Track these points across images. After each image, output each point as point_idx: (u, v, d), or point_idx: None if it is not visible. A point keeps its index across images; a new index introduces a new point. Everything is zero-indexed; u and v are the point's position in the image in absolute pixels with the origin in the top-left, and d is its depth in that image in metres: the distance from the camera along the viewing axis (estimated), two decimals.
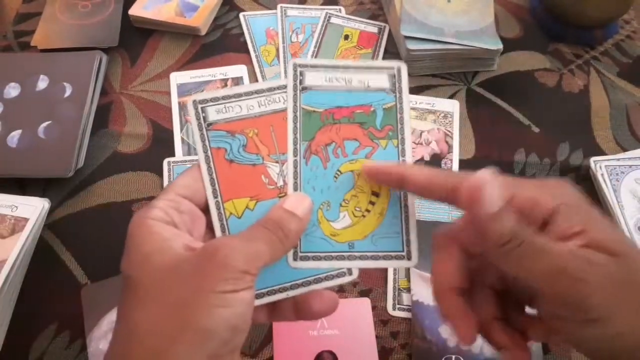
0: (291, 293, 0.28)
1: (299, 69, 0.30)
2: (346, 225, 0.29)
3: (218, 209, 0.28)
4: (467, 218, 0.27)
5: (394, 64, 0.31)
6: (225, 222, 0.28)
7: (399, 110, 0.30)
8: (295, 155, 0.29)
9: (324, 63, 0.30)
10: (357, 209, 0.29)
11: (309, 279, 0.28)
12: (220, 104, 0.29)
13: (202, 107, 0.29)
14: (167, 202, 0.26)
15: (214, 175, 0.28)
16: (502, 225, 0.23)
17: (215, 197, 0.28)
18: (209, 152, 0.29)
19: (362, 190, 0.29)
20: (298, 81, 0.30)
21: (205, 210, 0.28)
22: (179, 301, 0.23)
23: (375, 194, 0.29)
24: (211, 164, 0.29)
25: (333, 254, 0.28)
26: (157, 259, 0.24)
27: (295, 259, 0.28)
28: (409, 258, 0.29)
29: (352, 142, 0.30)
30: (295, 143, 0.29)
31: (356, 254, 0.29)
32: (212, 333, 0.22)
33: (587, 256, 0.23)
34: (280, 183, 0.29)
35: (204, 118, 0.29)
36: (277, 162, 0.29)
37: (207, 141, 0.29)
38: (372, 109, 0.30)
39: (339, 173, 0.29)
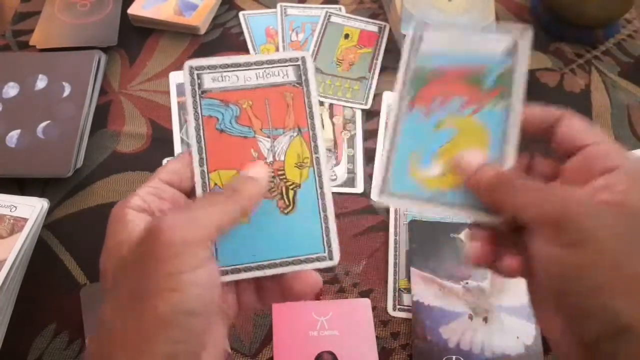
0: (268, 272, 0.27)
1: (418, 33, 0.31)
2: (437, 174, 0.29)
3: (203, 178, 0.27)
4: None
5: (516, 28, 0.31)
6: (208, 192, 0.27)
7: (513, 75, 0.30)
8: (401, 100, 0.30)
9: (448, 24, 0.32)
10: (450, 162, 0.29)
11: (287, 259, 0.27)
12: (217, 72, 0.28)
13: (197, 74, 0.28)
14: (148, 189, 0.26)
15: (202, 143, 0.28)
16: (486, 173, 0.26)
17: (202, 165, 0.27)
18: (200, 119, 0.28)
19: (459, 146, 0.29)
20: (417, 41, 0.31)
21: (193, 197, 0.28)
22: (133, 291, 0.22)
23: None
24: (201, 132, 0.28)
25: (424, 197, 0.28)
26: (125, 248, 0.24)
27: (380, 193, 0.28)
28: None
29: (459, 98, 0.29)
30: (403, 91, 0.30)
31: (447, 202, 0.28)
32: (167, 321, 0.21)
33: (590, 199, 0.23)
34: (270, 159, 0.28)
35: (199, 85, 0.28)
36: (268, 137, 0.28)
37: (199, 108, 0.28)
38: (485, 69, 0.30)
39: (440, 125, 0.29)
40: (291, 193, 0.28)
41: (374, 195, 0.28)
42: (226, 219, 0.24)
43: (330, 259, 0.28)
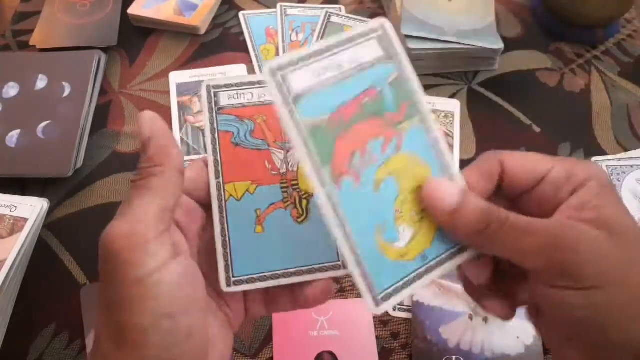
0: (283, 281, 0.27)
1: (279, 74, 0.24)
2: (410, 238, 0.25)
3: (218, 190, 0.28)
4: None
5: (375, 23, 0.26)
6: (223, 204, 0.28)
7: (405, 79, 0.26)
8: (323, 186, 0.24)
9: (301, 55, 0.24)
10: (414, 213, 0.25)
11: (301, 268, 0.27)
12: (233, 90, 0.29)
13: (214, 92, 0.29)
14: None
15: (218, 157, 0.28)
16: (469, 214, 0.23)
17: (217, 178, 0.28)
18: (216, 134, 0.29)
19: (410, 190, 0.25)
20: (286, 91, 0.24)
21: (206, 205, 0.28)
22: (107, 305, 0.22)
23: None
24: (217, 146, 0.29)
25: (411, 276, 0.25)
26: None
27: (377, 305, 0.24)
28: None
29: (375, 141, 0.25)
30: (317, 172, 0.23)
31: (432, 263, 0.25)
32: (149, 329, 0.21)
33: (582, 229, 0.22)
34: (284, 170, 0.29)
35: (216, 102, 0.29)
36: (282, 149, 0.29)
37: (215, 124, 0.29)
38: (377, 90, 0.25)
39: (377, 182, 0.25)
40: (304, 202, 0.28)
41: (371, 309, 0.23)
42: (166, 199, 0.22)
43: (344, 267, 0.27)
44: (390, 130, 0.25)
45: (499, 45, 0.53)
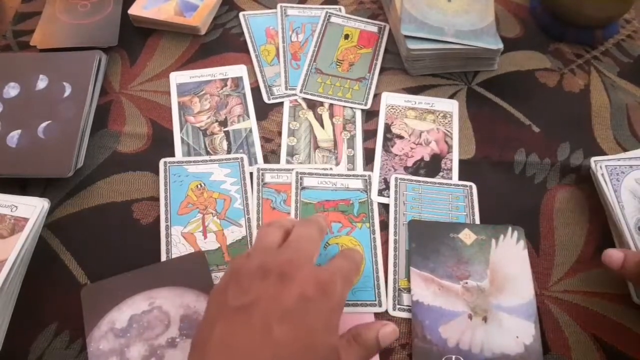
0: None
1: (300, 176, 0.46)
2: None
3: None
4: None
5: (366, 173, 0.46)
6: None
7: (370, 204, 0.45)
8: None
9: (317, 171, 0.46)
10: None
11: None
12: (275, 172, 0.46)
13: (262, 172, 0.46)
14: None
15: (260, 215, 0.44)
16: (630, 266, 0.37)
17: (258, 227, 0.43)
18: (260, 200, 0.44)
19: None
20: (300, 184, 0.45)
21: None
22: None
23: None
24: (260, 208, 0.44)
25: None
26: None
27: None
28: (380, 305, 0.40)
29: (337, 224, 0.43)
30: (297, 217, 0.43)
31: (350, 302, 0.40)
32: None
33: None
34: None
35: (263, 179, 0.45)
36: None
37: (261, 193, 0.45)
38: (351, 202, 0.44)
39: (328, 244, 0.42)
40: None
41: None
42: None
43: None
44: (348, 223, 0.43)
45: (499, 45, 0.53)
